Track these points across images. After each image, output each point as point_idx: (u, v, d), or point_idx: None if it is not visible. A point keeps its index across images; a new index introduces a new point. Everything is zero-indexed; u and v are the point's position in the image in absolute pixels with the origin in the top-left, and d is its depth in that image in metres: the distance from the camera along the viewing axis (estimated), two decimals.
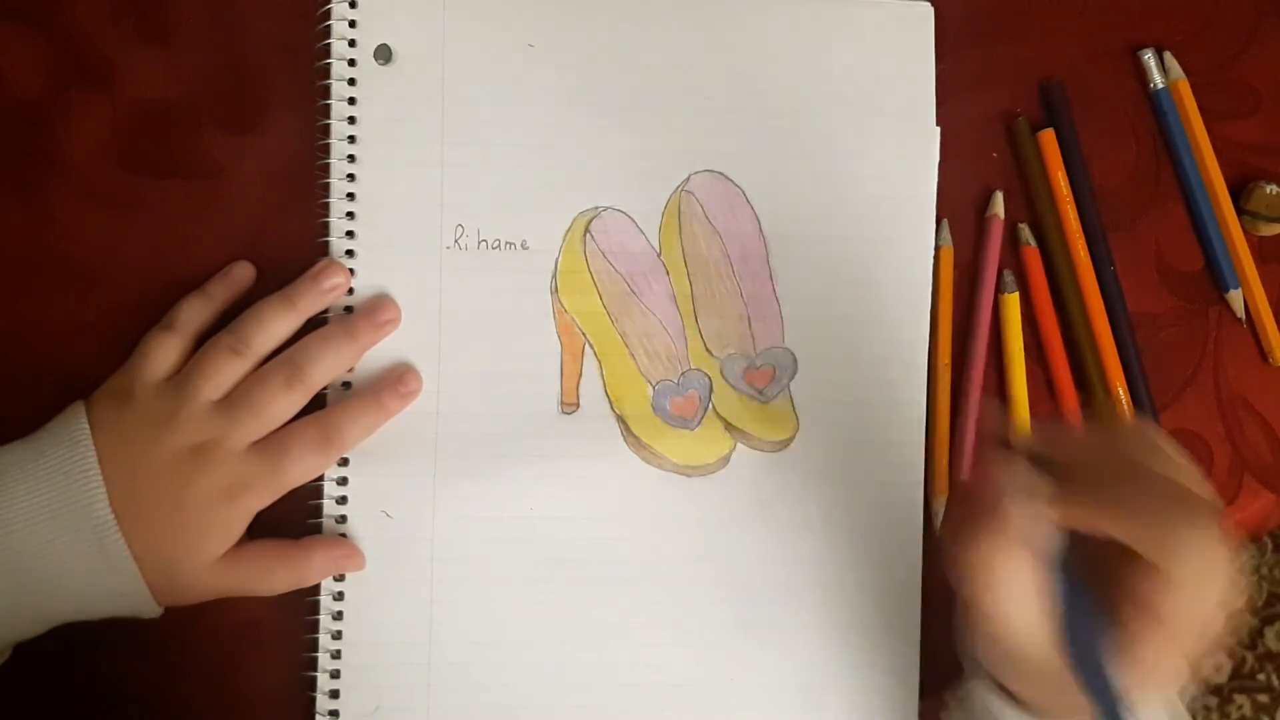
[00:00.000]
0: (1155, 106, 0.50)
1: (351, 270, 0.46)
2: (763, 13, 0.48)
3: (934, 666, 0.48)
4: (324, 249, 0.46)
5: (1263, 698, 1.24)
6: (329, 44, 0.46)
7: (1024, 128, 0.49)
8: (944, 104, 0.48)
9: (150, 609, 0.43)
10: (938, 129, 0.48)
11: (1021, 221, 0.49)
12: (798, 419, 0.47)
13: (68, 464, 0.41)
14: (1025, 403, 0.48)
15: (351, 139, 0.46)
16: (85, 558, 0.41)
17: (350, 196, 0.46)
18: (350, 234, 0.46)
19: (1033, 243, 0.48)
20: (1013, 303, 0.48)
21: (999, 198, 0.48)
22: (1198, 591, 0.33)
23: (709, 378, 0.47)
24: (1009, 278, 0.48)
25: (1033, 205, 0.49)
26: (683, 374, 0.47)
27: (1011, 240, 0.49)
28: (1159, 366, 0.49)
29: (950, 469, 0.48)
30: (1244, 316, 0.49)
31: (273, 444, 0.43)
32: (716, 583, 0.47)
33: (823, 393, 0.47)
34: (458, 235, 0.46)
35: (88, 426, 0.42)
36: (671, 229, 0.47)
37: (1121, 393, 0.48)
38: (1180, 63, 0.49)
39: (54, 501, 0.40)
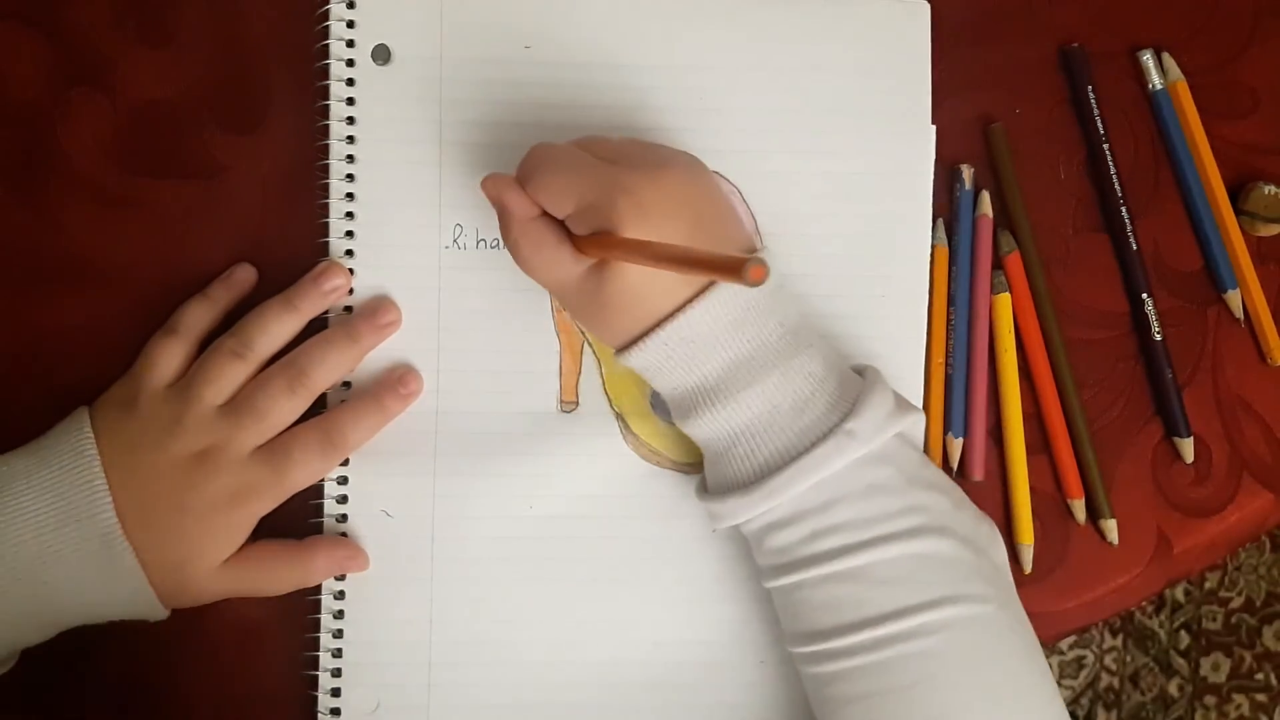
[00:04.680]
0: (1154, 107, 0.50)
1: (351, 270, 0.46)
2: (759, 12, 0.48)
3: None
4: (323, 249, 0.46)
5: (1261, 697, 1.24)
6: (327, 44, 0.46)
7: (998, 134, 0.48)
8: (941, 104, 0.48)
9: (157, 612, 0.43)
10: (933, 127, 0.48)
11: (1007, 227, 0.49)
12: None
13: (73, 473, 0.41)
14: (1017, 402, 0.48)
15: (350, 139, 0.46)
16: (92, 566, 0.41)
17: (349, 197, 0.46)
18: (349, 234, 0.46)
19: (1015, 249, 0.48)
20: (1004, 303, 0.48)
21: (985, 197, 0.48)
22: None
23: None
24: (1000, 278, 0.48)
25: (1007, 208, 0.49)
26: None
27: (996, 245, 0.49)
28: None
29: (945, 466, 0.48)
30: (1242, 317, 0.49)
31: (276, 448, 0.43)
32: (717, 579, 0.47)
33: None
34: (456, 235, 0.46)
35: (92, 435, 0.42)
36: None
37: None
38: (1179, 63, 0.49)
39: (61, 512, 0.41)
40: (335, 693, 0.45)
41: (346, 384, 0.46)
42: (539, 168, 0.40)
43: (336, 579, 0.46)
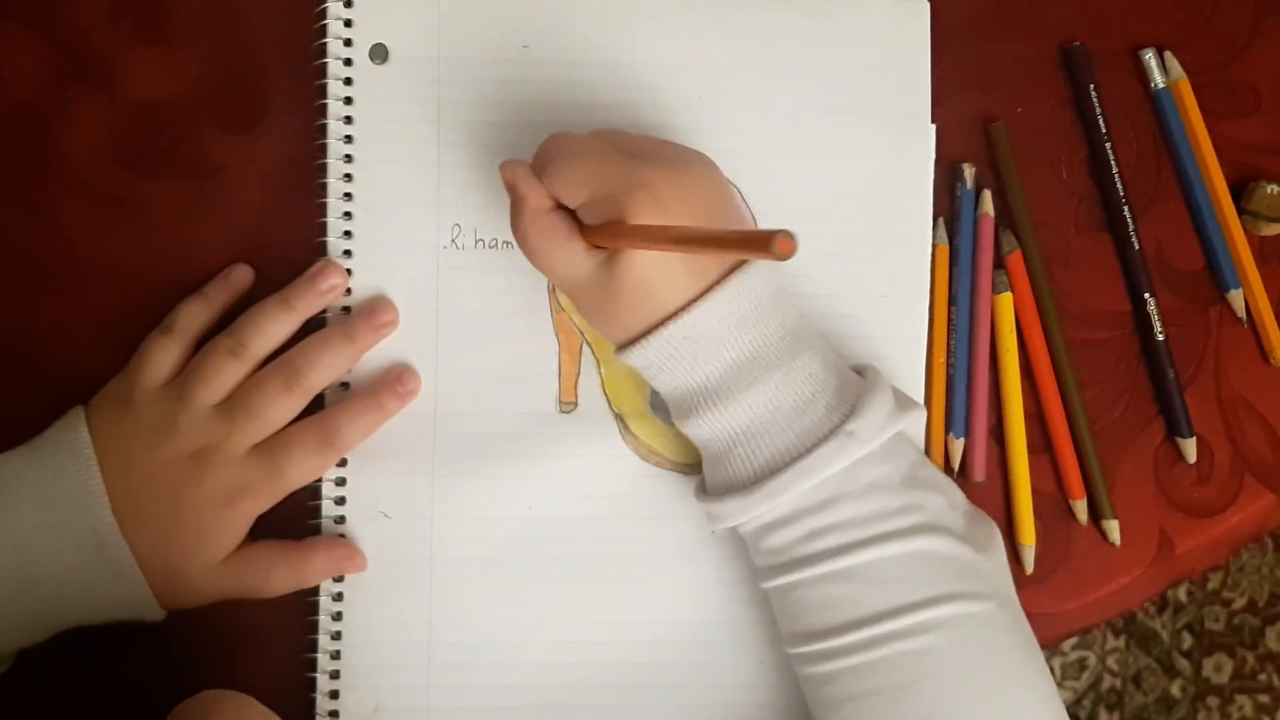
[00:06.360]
0: (1156, 106, 0.50)
1: (349, 270, 0.46)
2: (758, 11, 0.47)
3: None
4: (321, 249, 0.46)
5: (1264, 698, 1.24)
6: (325, 43, 0.46)
7: (999, 133, 0.48)
8: (942, 103, 0.48)
9: (154, 613, 0.43)
10: (933, 126, 0.48)
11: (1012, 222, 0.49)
12: None
13: (69, 473, 0.41)
14: (1019, 402, 0.48)
15: (348, 139, 0.46)
16: (89, 566, 0.41)
17: (347, 196, 0.46)
18: (348, 234, 0.46)
19: (1016, 248, 0.48)
20: (1006, 302, 0.48)
21: (987, 196, 0.48)
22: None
23: None
24: (1002, 277, 0.48)
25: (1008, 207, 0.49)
26: None
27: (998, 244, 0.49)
28: None
29: (946, 466, 0.48)
30: (1244, 316, 0.49)
31: (273, 447, 0.43)
32: (716, 580, 0.47)
33: None
34: (455, 235, 0.46)
35: (88, 434, 0.42)
36: None
37: None
38: (1181, 62, 0.49)
39: (57, 512, 0.40)
40: (334, 695, 0.45)
41: (345, 384, 0.46)
42: (557, 155, 0.40)
43: (334, 580, 0.45)
